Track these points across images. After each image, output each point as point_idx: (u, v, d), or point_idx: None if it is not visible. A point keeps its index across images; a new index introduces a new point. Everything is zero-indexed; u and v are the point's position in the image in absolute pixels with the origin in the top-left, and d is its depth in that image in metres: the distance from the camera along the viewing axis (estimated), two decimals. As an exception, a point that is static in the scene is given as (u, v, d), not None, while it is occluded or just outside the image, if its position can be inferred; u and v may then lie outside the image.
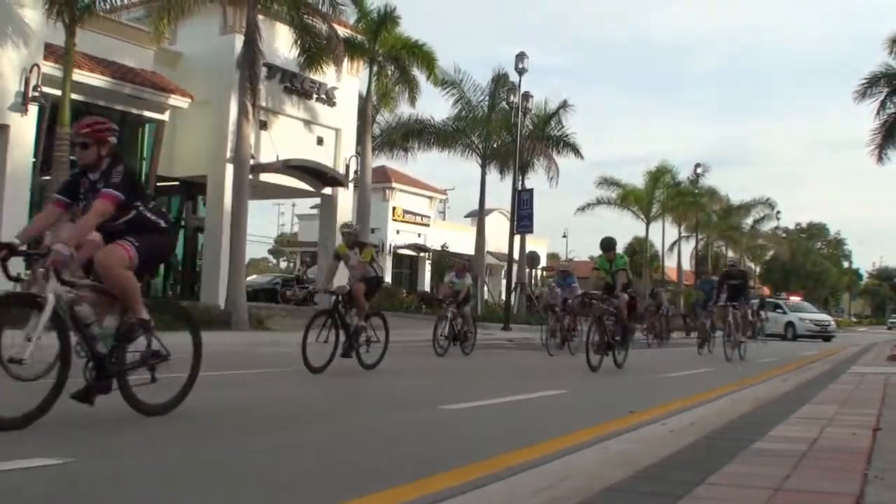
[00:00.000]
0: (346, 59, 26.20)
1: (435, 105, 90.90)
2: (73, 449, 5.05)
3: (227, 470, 4.86)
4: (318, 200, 33.08)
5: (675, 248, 58.17)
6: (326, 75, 26.67)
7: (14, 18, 18.89)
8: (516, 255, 36.90)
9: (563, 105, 38.41)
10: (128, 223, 6.33)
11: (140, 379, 6.55)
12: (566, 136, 38.76)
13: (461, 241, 48.20)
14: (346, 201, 29.40)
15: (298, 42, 24.18)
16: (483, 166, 37.16)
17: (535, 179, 38.65)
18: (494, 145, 37.34)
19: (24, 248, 6.05)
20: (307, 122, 27.91)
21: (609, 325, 13.96)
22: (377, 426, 6.97)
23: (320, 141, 28.54)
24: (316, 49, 24.40)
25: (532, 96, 35.48)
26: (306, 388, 10.13)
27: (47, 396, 5.69)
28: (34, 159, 19.72)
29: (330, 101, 28.19)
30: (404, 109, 33.40)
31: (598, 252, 15.96)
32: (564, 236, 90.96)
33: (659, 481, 3.97)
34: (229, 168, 23.17)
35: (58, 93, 18.55)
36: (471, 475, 4.58)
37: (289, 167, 26.58)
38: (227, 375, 10.72)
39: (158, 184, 24.83)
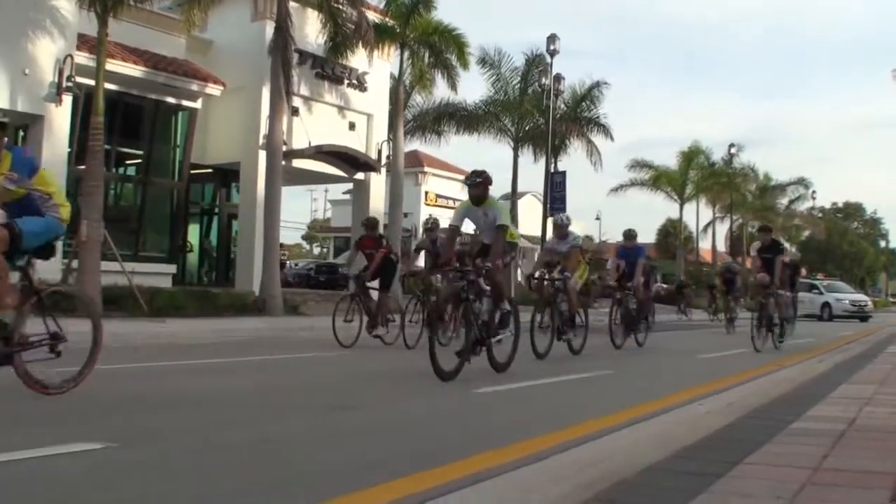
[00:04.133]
0: (377, 45, 26.17)
1: (467, 88, 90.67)
2: (114, 434, 5.11)
3: (260, 454, 4.90)
4: (350, 186, 33.13)
5: (709, 229, 57.80)
6: (357, 61, 26.67)
7: (48, 10, 19.02)
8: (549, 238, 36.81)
9: (597, 85, 38.02)
10: None
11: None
12: (598, 117, 38.49)
13: (494, 225, 47.95)
14: (378, 186, 29.41)
15: (328, 28, 24.18)
16: (515, 149, 36.99)
17: (568, 161, 38.30)
18: (526, 128, 37.14)
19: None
20: (339, 108, 27.90)
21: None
22: (413, 410, 6.99)
23: (352, 126, 28.54)
24: (346, 34, 24.39)
25: (563, 78, 35.30)
26: (343, 373, 10.18)
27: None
28: (69, 149, 19.87)
29: (361, 86, 28.18)
30: (437, 93, 33.27)
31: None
32: (598, 218, 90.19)
33: (697, 461, 3.96)
34: (262, 154, 23.23)
35: (91, 83, 18.63)
36: (509, 457, 4.59)
37: (321, 153, 26.62)
38: (265, 360, 10.82)
39: (192, 171, 24.96)
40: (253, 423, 5.99)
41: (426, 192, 50.83)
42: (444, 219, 47.74)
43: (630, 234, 16.49)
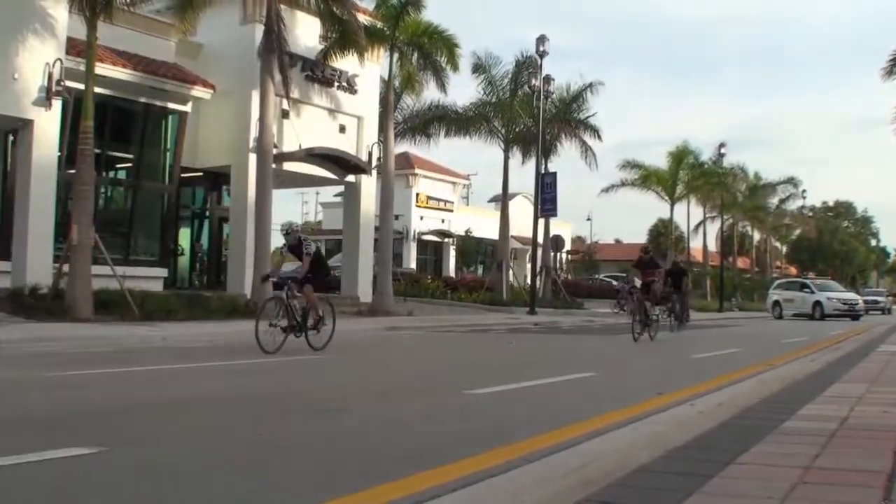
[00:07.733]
0: (367, 47, 26.13)
1: (457, 90, 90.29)
2: (106, 438, 5.10)
3: (255, 457, 4.90)
4: (341, 188, 33.09)
5: (700, 228, 57.87)
6: (347, 63, 26.64)
7: (37, 13, 18.94)
8: (540, 239, 36.83)
9: (589, 86, 38.18)
10: None
11: None
12: (587, 118, 38.61)
13: (485, 226, 48.20)
14: (369, 188, 29.38)
15: (321, 30, 24.18)
16: (506, 151, 37.04)
17: (558, 162, 38.47)
18: (517, 129, 37.18)
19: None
20: (329, 111, 27.85)
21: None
22: (404, 413, 6.99)
23: (342, 129, 28.49)
24: (337, 37, 24.38)
25: (553, 79, 35.35)
26: (335, 375, 10.17)
27: None
28: (59, 154, 19.79)
29: (351, 88, 28.14)
30: (427, 95, 33.27)
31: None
32: (588, 219, 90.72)
33: (689, 461, 3.97)
34: (252, 157, 23.21)
35: (81, 87, 18.60)
36: (500, 458, 4.59)
37: (311, 155, 26.58)
38: (258, 363, 10.79)
39: (182, 175, 24.92)
40: (248, 425, 5.98)
41: (417, 194, 50.85)
42: (436, 220, 47.39)
43: None
